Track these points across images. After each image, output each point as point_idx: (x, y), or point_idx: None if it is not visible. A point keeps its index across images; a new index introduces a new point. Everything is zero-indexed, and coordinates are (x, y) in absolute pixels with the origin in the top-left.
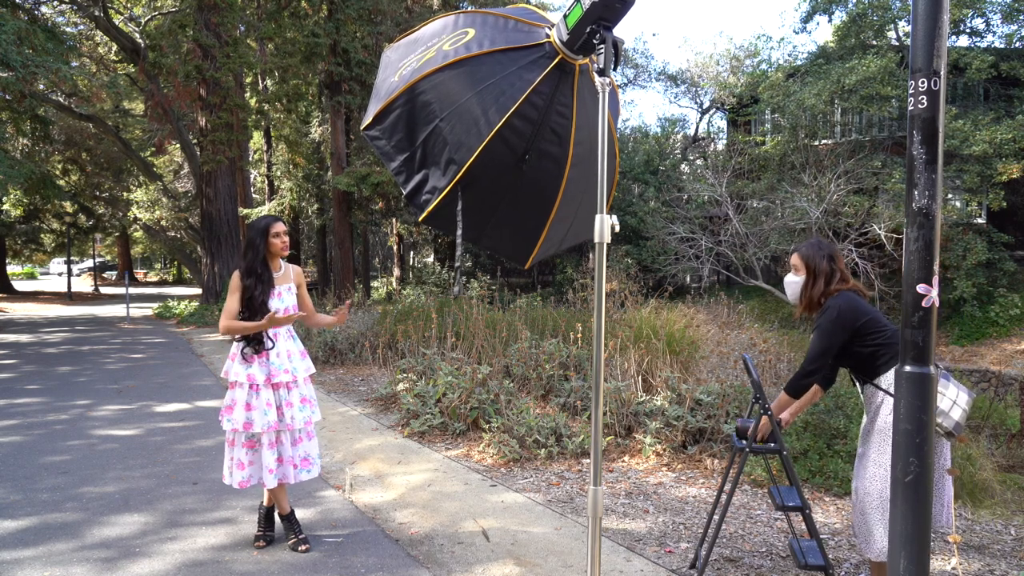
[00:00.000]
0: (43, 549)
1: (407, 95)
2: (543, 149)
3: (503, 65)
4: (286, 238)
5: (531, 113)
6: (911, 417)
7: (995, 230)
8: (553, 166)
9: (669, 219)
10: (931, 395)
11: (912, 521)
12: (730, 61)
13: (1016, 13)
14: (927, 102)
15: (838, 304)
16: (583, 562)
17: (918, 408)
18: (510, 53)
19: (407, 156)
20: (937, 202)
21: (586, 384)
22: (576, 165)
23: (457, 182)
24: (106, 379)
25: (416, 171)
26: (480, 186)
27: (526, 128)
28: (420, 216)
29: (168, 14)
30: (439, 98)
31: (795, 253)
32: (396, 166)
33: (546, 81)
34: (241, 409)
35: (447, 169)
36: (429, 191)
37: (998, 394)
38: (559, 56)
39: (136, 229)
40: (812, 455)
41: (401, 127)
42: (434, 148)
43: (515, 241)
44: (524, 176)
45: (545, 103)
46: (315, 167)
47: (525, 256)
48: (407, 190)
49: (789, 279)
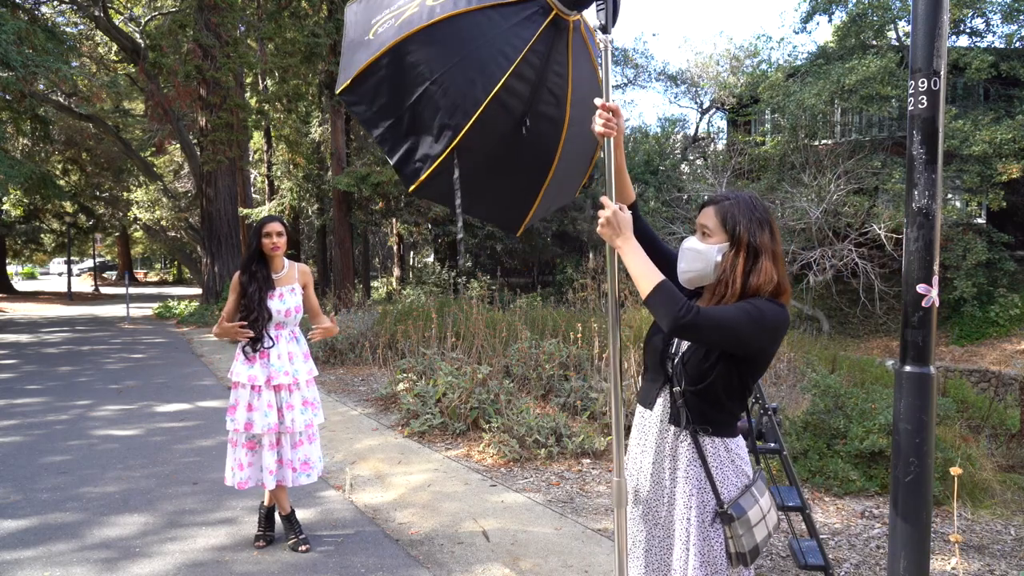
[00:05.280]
0: (43, 549)
1: (391, 55)
2: (540, 111)
3: (495, 22)
4: (278, 239)
5: (528, 73)
6: (911, 417)
7: (995, 230)
8: (551, 128)
9: (669, 219)
10: (931, 395)
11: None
12: (730, 61)
13: (1016, 13)
14: (927, 102)
15: (774, 309)
16: (583, 562)
17: (918, 408)
18: (501, 9)
19: (392, 122)
20: (937, 202)
21: (586, 384)
22: (572, 126)
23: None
24: (106, 379)
25: (404, 138)
26: (476, 152)
27: (524, 89)
28: (410, 186)
29: (168, 14)
30: (428, 59)
31: (710, 207)
32: (380, 133)
33: (541, 39)
34: (243, 410)
35: (440, 135)
36: (420, 159)
37: (998, 394)
38: (553, 12)
39: (136, 229)
40: (812, 455)
41: (385, 91)
42: (424, 113)
43: (509, 208)
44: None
45: (542, 63)
46: (315, 167)
47: (518, 223)
48: (394, 159)
49: (692, 244)
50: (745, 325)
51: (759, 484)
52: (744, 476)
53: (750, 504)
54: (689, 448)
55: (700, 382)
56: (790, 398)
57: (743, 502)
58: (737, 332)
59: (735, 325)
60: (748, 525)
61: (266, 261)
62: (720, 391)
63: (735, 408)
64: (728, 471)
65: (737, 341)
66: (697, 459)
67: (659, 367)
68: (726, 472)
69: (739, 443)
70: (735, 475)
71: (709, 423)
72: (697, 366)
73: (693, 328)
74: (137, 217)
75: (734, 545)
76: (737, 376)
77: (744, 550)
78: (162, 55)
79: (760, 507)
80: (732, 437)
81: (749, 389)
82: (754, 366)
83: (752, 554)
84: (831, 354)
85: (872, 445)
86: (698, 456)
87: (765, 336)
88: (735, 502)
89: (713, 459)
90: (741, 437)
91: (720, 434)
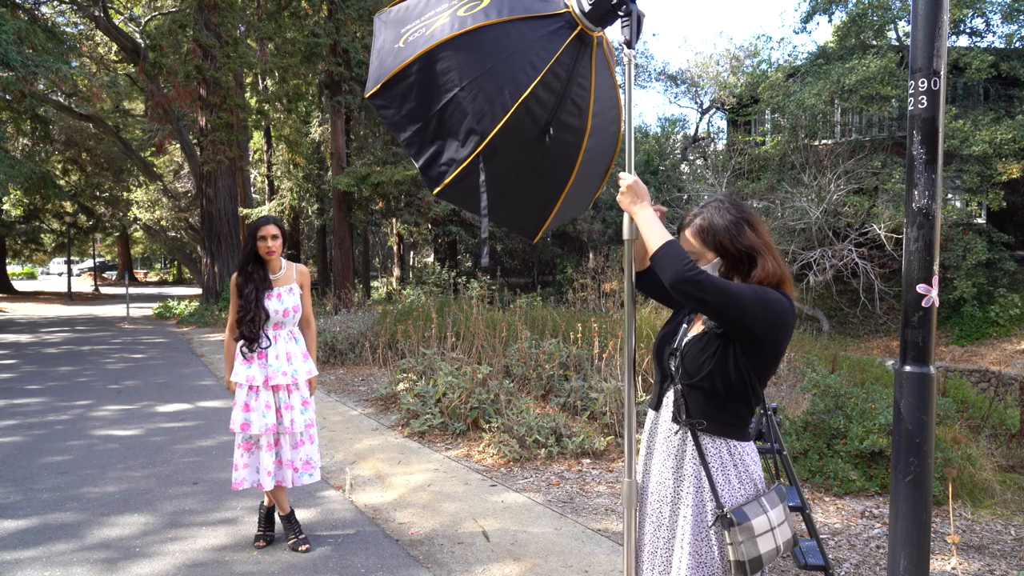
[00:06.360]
0: (43, 549)
1: (421, 62)
2: (564, 121)
3: (524, 34)
4: (272, 243)
5: (554, 84)
6: (911, 417)
7: (995, 230)
8: (572, 137)
9: (669, 219)
10: (931, 395)
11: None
12: (730, 61)
13: (1016, 13)
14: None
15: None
16: (583, 562)
17: (918, 408)
18: (530, 22)
19: (420, 127)
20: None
21: (586, 384)
22: (592, 137)
23: (478, 154)
24: (106, 379)
25: (430, 142)
26: (500, 158)
27: (549, 99)
28: (435, 189)
29: (168, 14)
30: (458, 66)
31: (685, 231)
32: (407, 136)
33: (567, 52)
34: (240, 410)
35: (467, 140)
36: (445, 163)
37: (998, 394)
38: (579, 27)
39: (136, 229)
40: (812, 455)
41: (414, 96)
42: (452, 118)
43: (528, 214)
44: (545, 148)
45: (567, 74)
46: (315, 167)
47: (536, 229)
48: (420, 162)
49: None
50: (749, 298)
51: (772, 497)
52: (751, 483)
53: (755, 513)
54: (690, 446)
55: (697, 375)
56: (790, 398)
57: (748, 509)
58: (740, 301)
59: (739, 293)
60: (750, 533)
61: (263, 262)
62: (719, 387)
63: (739, 409)
64: (731, 474)
65: (740, 311)
66: (697, 457)
67: (662, 366)
68: (728, 475)
69: (747, 448)
70: (740, 479)
71: (709, 420)
72: (694, 359)
73: (696, 284)
74: (137, 217)
75: (733, 552)
76: (736, 370)
77: (743, 558)
78: (162, 55)
79: (768, 519)
80: (739, 440)
81: (755, 390)
82: (757, 357)
83: (753, 564)
84: (831, 354)
85: (872, 445)
86: (698, 454)
87: (769, 316)
88: (739, 508)
89: (714, 459)
90: (752, 445)
91: (723, 434)
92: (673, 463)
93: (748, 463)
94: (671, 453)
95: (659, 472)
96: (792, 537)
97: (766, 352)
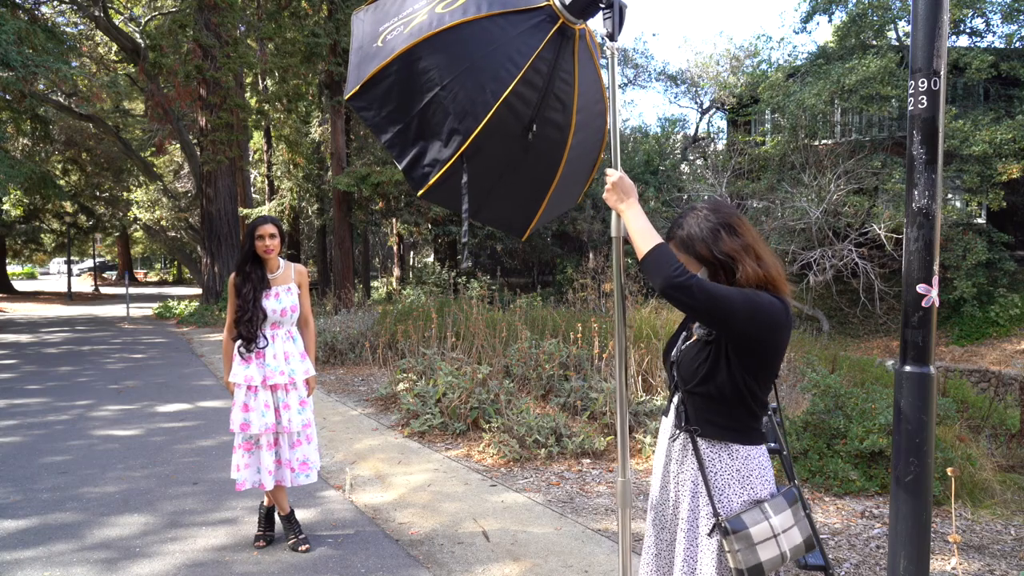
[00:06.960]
0: (43, 549)
1: (400, 62)
2: (548, 117)
3: (503, 30)
4: (270, 241)
5: (536, 80)
6: (911, 417)
7: (995, 230)
8: (557, 134)
9: (669, 219)
10: (931, 395)
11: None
12: (730, 61)
13: (1016, 13)
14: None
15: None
16: (583, 562)
17: (918, 408)
18: (510, 17)
19: (401, 128)
20: (937, 202)
21: (586, 384)
22: (577, 132)
23: (461, 154)
24: (106, 379)
25: (412, 143)
26: (484, 157)
27: (532, 95)
28: (419, 191)
29: (168, 14)
30: (437, 65)
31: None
32: (389, 138)
33: (549, 47)
34: (239, 410)
35: (450, 140)
36: (429, 164)
37: (998, 394)
38: (560, 21)
39: (136, 229)
40: (812, 455)
41: (394, 96)
42: (433, 118)
43: (515, 212)
44: (529, 145)
45: (549, 69)
46: (315, 167)
47: (524, 227)
48: (403, 164)
49: None
50: (739, 302)
51: (779, 501)
52: (751, 489)
53: (755, 520)
54: (690, 452)
55: (692, 381)
56: (790, 398)
57: (746, 517)
58: (729, 305)
59: (727, 297)
60: (748, 542)
61: (261, 261)
62: (714, 392)
63: (739, 414)
64: (729, 480)
65: (730, 315)
66: (694, 463)
67: (669, 373)
68: (728, 481)
69: (752, 453)
70: (739, 485)
71: (708, 425)
72: (688, 366)
73: (685, 290)
74: (137, 217)
75: (732, 560)
76: (729, 375)
77: (743, 567)
78: (162, 55)
79: (771, 525)
80: (743, 444)
81: (753, 393)
82: (754, 362)
83: (752, 572)
84: (831, 354)
85: (872, 445)
86: (696, 460)
87: (760, 319)
88: (736, 516)
89: (711, 465)
90: (760, 448)
91: (723, 439)
92: (675, 467)
93: (752, 468)
94: (673, 457)
95: (663, 475)
96: (803, 543)
97: (761, 355)
